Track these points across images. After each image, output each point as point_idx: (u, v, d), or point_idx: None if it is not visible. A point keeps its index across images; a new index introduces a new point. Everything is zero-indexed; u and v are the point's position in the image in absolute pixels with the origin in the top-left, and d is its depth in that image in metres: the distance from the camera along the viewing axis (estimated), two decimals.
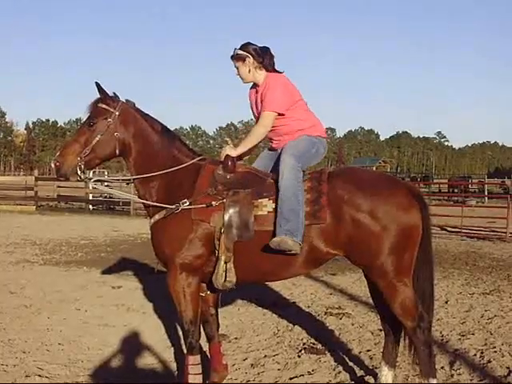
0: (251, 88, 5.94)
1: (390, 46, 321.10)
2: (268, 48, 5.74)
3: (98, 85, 5.49)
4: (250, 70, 5.67)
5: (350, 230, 5.13)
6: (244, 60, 5.63)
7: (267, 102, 5.52)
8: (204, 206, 5.25)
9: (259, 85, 5.70)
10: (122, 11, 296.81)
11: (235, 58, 5.68)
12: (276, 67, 5.76)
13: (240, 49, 5.66)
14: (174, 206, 5.29)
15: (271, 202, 5.29)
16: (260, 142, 5.79)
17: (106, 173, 41.77)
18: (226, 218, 5.21)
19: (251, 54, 5.61)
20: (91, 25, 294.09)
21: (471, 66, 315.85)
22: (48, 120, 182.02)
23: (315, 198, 5.24)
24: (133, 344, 7.36)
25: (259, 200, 5.30)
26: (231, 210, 5.22)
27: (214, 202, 5.25)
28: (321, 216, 5.16)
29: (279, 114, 5.53)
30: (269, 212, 5.26)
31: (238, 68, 5.72)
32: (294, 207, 5.09)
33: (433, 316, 5.69)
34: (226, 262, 5.21)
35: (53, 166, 5.47)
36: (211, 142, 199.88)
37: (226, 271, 5.23)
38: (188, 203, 5.27)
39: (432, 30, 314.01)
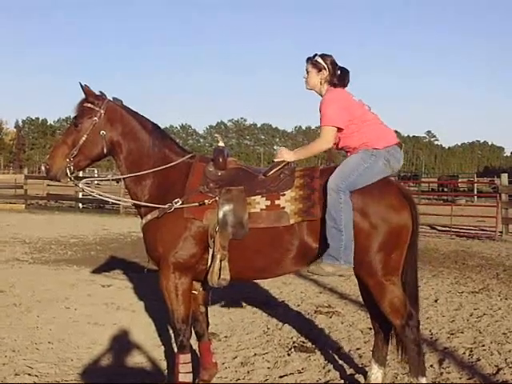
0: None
1: (380, 44, 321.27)
2: (348, 71, 5.63)
3: (81, 85, 5.51)
4: (320, 82, 5.57)
5: None
6: (320, 70, 5.54)
7: (324, 117, 5.39)
8: (197, 204, 5.26)
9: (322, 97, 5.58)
10: (110, 7, 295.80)
11: (312, 63, 5.58)
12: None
13: (321, 57, 5.57)
14: (166, 206, 5.28)
15: (264, 198, 5.29)
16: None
17: (96, 171, 41.66)
18: (221, 215, 5.21)
19: (329, 69, 5.53)
20: (80, 22, 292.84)
21: (461, 66, 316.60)
22: (38, 118, 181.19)
23: (308, 194, 5.25)
24: (122, 342, 7.35)
25: (252, 197, 5.30)
26: (225, 208, 5.22)
27: (206, 201, 5.25)
28: (313, 212, 5.18)
29: (339, 129, 5.41)
30: (261, 209, 5.26)
31: (309, 73, 5.62)
32: (332, 231, 5.09)
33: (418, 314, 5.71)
34: (221, 260, 5.22)
35: (43, 168, 5.48)
36: (201, 140, 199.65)
37: (220, 269, 5.24)
38: (180, 202, 5.26)
39: (419, 30, 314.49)
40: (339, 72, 5.55)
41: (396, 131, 6.13)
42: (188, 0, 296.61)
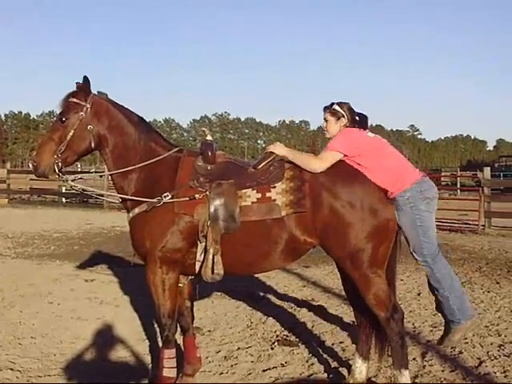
0: None
1: (362, 36, 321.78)
2: (366, 117, 5.65)
3: (86, 78, 5.53)
4: (340, 130, 5.52)
5: (327, 217, 5.16)
6: (339, 118, 5.54)
7: (329, 144, 5.40)
8: (187, 199, 5.25)
9: None
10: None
11: (331, 112, 5.58)
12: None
13: (338, 105, 5.57)
14: (155, 200, 5.27)
15: (255, 191, 5.28)
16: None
17: (79, 165, 41.48)
18: (212, 210, 5.20)
19: (347, 116, 5.52)
20: (65, 13, 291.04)
21: (443, 60, 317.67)
22: (20, 112, 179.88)
23: (298, 186, 5.25)
24: (106, 337, 7.34)
25: (243, 190, 5.29)
26: (216, 202, 5.21)
27: (197, 195, 5.24)
28: (304, 204, 5.18)
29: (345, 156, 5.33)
30: (253, 202, 5.26)
31: (328, 121, 5.61)
32: (440, 299, 5.48)
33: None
34: (213, 255, 5.22)
35: (30, 166, 5.45)
36: (185, 134, 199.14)
37: (213, 263, 5.24)
38: (170, 196, 5.25)
39: (404, 25, 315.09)
40: (357, 118, 5.55)
41: (379, 125, 6.16)
42: None
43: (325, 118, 5.62)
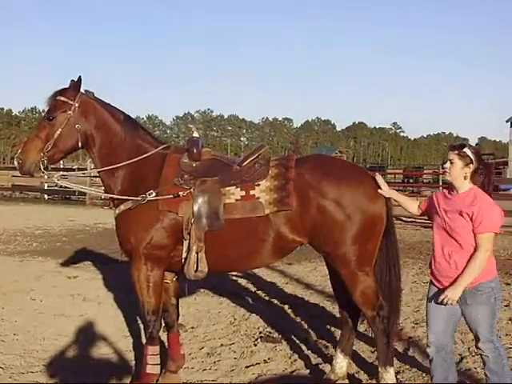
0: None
1: (347, 35, 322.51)
2: (492, 167, 4.93)
3: (80, 78, 5.52)
4: (466, 177, 4.82)
5: (315, 216, 5.18)
6: (467, 164, 4.80)
7: (490, 223, 4.68)
8: (171, 196, 5.26)
9: (459, 194, 4.87)
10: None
11: (459, 154, 4.84)
12: None
13: (470, 149, 4.85)
14: (139, 198, 5.28)
15: (239, 189, 5.29)
16: None
17: (62, 162, 41.32)
18: (196, 208, 5.22)
19: (474, 163, 4.82)
20: (48, 9, 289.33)
21: (426, 57, 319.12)
22: (2, 109, 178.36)
23: (282, 184, 5.26)
24: (88, 334, 7.33)
25: (227, 188, 5.31)
26: (200, 200, 5.23)
27: (181, 193, 5.25)
28: (288, 202, 5.19)
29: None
30: (236, 200, 5.27)
31: (453, 164, 4.84)
32: None
33: (400, 305, 5.76)
34: (197, 252, 5.23)
35: (16, 163, 5.44)
36: (168, 131, 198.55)
37: (197, 261, 5.25)
38: (154, 194, 5.27)
39: (390, 22, 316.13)
40: (483, 167, 4.97)
41: (362, 123, 6.09)
42: None
43: (450, 160, 4.88)
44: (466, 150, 4.82)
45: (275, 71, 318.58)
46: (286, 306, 8.76)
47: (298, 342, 7.09)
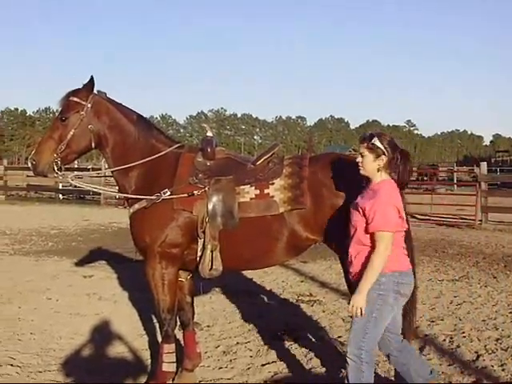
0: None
1: (361, 34, 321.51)
2: (409, 154, 4.73)
3: (92, 78, 5.53)
4: (378, 169, 4.56)
5: (330, 215, 5.17)
6: (378, 156, 4.53)
7: (383, 220, 4.42)
8: (186, 195, 5.27)
9: (371, 185, 4.65)
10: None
11: (368, 147, 4.56)
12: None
13: (379, 139, 4.54)
14: (154, 197, 5.29)
15: (253, 188, 5.31)
16: None
17: (76, 162, 41.39)
18: (210, 206, 5.23)
19: (388, 154, 4.53)
20: (59, 11, 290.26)
21: (442, 55, 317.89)
22: (17, 109, 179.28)
23: (296, 183, 5.26)
24: (104, 333, 7.35)
25: (241, 187, 5.32)
26: (215, 199, 5.25)
27: (196, 192, 5.27)
28: (302, 201, 5.20)
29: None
30: (251, 198, 5.28)
31: (364, 157, 4.58)
32: None
33: (416, 303, 5.44)
34: (212, 251, 5.24)
35: (29, 164, 5.46)
36: (182, 130, 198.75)
37: (212, 260, 5.26)
38: (169, 193, 5.28)
39: (401, 21, 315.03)
40: (399, 156, 4.58)
41: (376, 121, 5.98)
42: None
43: (361, 153, 4.62)
44: (375, 141, 4.53)
45: (287, 70, 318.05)
46: (302, 304, 8.76)
47: (313, 340, 7.09)
